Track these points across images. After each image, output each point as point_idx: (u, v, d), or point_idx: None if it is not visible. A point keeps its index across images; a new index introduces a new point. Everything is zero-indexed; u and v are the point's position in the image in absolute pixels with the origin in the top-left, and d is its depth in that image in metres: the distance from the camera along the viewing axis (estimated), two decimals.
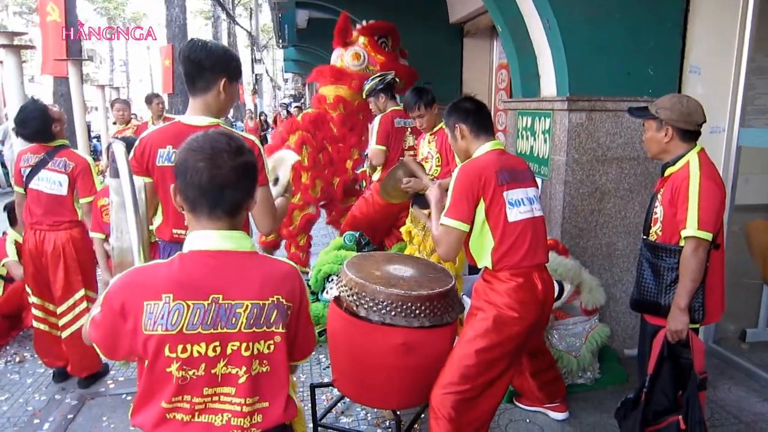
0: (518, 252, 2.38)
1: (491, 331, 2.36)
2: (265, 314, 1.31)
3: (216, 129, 1.35)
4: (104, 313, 1.27)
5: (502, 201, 2.36)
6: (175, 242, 2.23)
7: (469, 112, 2.55)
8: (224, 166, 1.28)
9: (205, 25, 32.94)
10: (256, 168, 1.36)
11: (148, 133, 2.25)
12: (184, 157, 1.30)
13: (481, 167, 2.38)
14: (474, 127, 2.52)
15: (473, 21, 7.17)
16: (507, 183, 2.37)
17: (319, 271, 4.11)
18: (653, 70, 3.51)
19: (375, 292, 2.58)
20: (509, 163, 2.45)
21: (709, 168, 2.38)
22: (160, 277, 1.26)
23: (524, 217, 2.39)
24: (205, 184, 1.27)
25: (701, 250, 2.28)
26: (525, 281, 2.38)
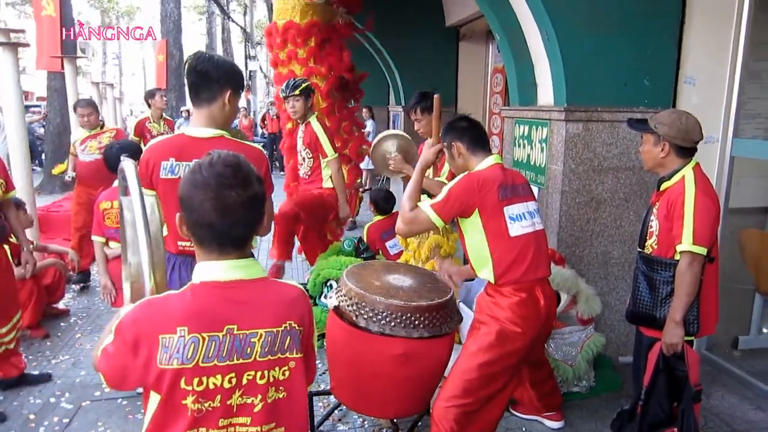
0: (521, 266, 2.40)
1: (494, 345, 2.39)
2: (279, 341, 1.31)
3: (222, 154, 1.30)
4: (116, 346, 1.26)
5: (502, 216, 2.37)
6: (180, 254, 2.25)
7: (464, 130, 2.58)
8: (232, 203, 1.25)
9: (198, 20, 32.75)
10: (264, 197, 1.34)
11: (151, 144, 2.26)
12: (189, 194, 1.27)
13: (485, 179, 2.40)
14: (470, 144, 2.54)
15: (469, 25, 7.22)
16: (508, 198, 2.40)
17: (317, 276, 4.13)
18: (649, 80, 3.55)
19: (375, 302, 2.61)
20: (511, 178, 2.48)
21: (704, 183, 2.42)
22: (174, 310, 1.25)
23: (526, 232, 2.41)
24: (213, 224, 1.26)
25: (696, 265, 2.33)
26: (528, 296, 2.41)
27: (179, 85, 19.33)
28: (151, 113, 6.84)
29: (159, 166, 2.17)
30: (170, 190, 2.16)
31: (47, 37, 7.42)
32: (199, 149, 2.18)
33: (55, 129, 11.18)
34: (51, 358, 4.00)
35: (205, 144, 2.18)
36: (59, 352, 4.09)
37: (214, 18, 26.94)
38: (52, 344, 4.23)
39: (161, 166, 2.17)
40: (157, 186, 2.18)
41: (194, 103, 2.22)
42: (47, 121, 11.50)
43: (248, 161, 1.33)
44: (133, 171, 1.51)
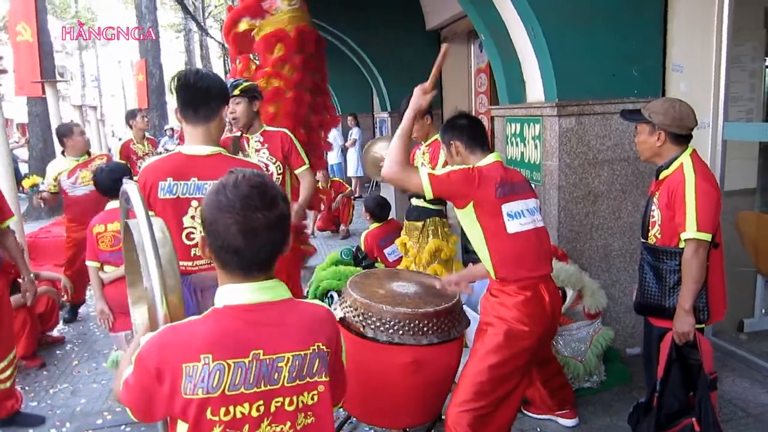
0: (523, 264, 2.37)
1: (503, 346, 2.36)
2: (308, 364, 1.26)
3: (246, 173, 1.25)
4: (138, 376, 1.21)
5: (499, 214, 2.34)
6: (182, 274, 2.21)
7: (463, 128, 2.53)
8: (258, 226, 1.20)
9: (176, 38, 32.62)
10: (289, 216, 1.29)
11: (148, 164, 2.22)
12: (213, 217, 1.21)
13: (485, 175, 2.35)
14: (469, 143, 2.51)
15: (450, 27, 7.24)
16: (505, 196, 2.35)
17: (317, 288, 4.09)
18: (637, 70, 3.56)
19: (381, 311, 2.57)
20: (510, 175, 2.44)
21: (703, 169, 2.42)
22: (197, 337, 1.20)
23: (525, 229, 2.38)
24: (239, 248, 1.21)
25: (702, 251, 2.32)
26: (533, 294, 2.38)
27: (160, 104, 19.24)
28: (133, 134, 6.67)
29: (157, 187, 2.13)
30: (169, 209, 2.13)
31: (25, 63, 7.33)
32: (198, 167, 2.16)
33: (37, 154, 11.06)
34: (49, 387, 3.92)
35: (203, 162, 2.16)
36: (57, 381, 4.01)
37: (192, 35, 26.89)
38: (48, 373, 4.15)
39: (159, 186, 2.13)
40: (155, 206, 2.15)
41: (190, 120, 2.17)
42: (30, 148, 11.37)
43: (272, 180, 1.30)
44: (138, 193, 1.47)
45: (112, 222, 3.38)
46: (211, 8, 32.00)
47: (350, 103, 11.22)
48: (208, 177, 2.15)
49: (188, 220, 2.18)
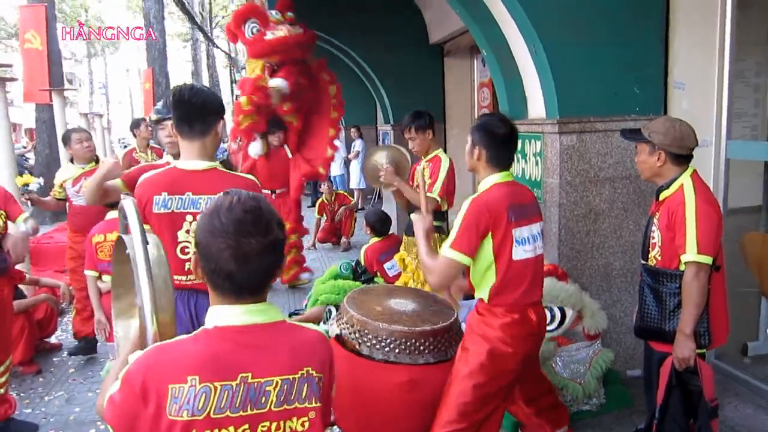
0: (517, 290, 2.33)
1: (486, 365, 2.31)
2: (296, 390, 1.23)
3: (242, 197, 1.23)
4: (123, 394, 1.19)
5: (510, 239, 2.29)
6: (176, 288, 2.19)
7: (498, 140, 2.38)
8: (251, 251, 1.19)
9: (183, 47, 32.83)
10: (285, 241, 1.28)
11: (144, 178, 2.22)
12: (207, 241, 1.21)
13: (493, 202, 2.29)
14: (494, 156, 2.38)
15: (453, 41, 7.25)
16: (517, 220, 2.30)
17: (315, 302, 4.06)
18: (639, 88, 3.55)
19: (378, 329, 2.55)
20: (519, 197, 2.38)
21: (704, 191, 2.39)
22: (185, 357, 1.18)
23: (528, 257, 2.34)
24: (231, 273, 1.20)
25: (702, 275, 2.29)
26: (520, 317, 2.34)
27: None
28: (137, 143, 6.66)
29: (152, 201, 2.13)
30: (164, 224, 2.13)
31: (34, 71, 7.39)
32: (193, 182, 2.16)
33: (43, 160, 11.12)
34: (44, 395, 3.91)
35: (198, 177, 2.16)
36: (52, 389, 4.00)
37: (199, 45, 27.04)
38: (44, 380, 4.15)
39: (154, 200, 2.13)
40: (150, 220, 2.14)
41: (185, 136, 2.17)
42: (36, 153, 11.44)
43: (268, 202, 1.27)
44: (134, 211, 1.45)
45: (112, 232, 3.38)
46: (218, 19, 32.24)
47: (354, 115, 11.23)
48: (203, 192, 2.15)
49: (183, 235, 2.17)
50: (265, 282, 1.27)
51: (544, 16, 3.30)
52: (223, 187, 2.12)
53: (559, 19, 3.33)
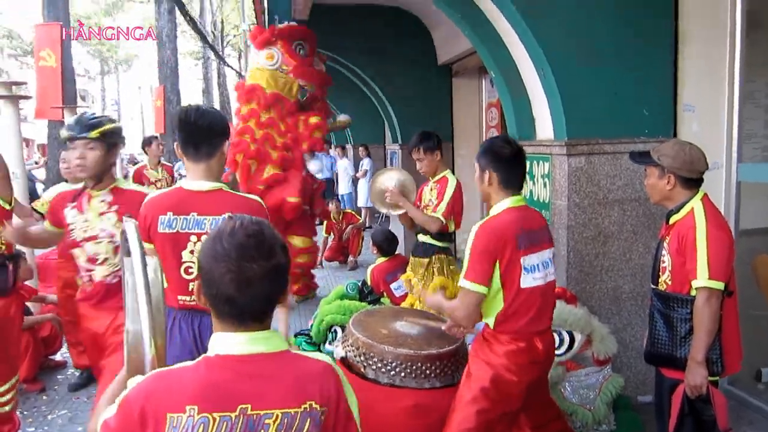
0: (523, 318, 2.28)
1: (489, 391, 2.27)
2: (297, 425, 1.19)
3: (245, 221, 1.22)
4: (120, 420, 1.16)
5: (518, 266, 2.24)
6: (180, 309, 2.19)
7: (505, 161, 2.34)
8: (254, 276, 1.17)
9: (195, 65, 33.26)
10: (288, 266, 1.25)
11: (150, 198, 2.22)
12: (209, 266, 1.19)
13: (501, 228, 2.24)
14: (505, 178, 2.33)
15: (461, 62, 7.28)
16: (526, 248, 2.25)
17: (321, 322, 4.02)
18: (648, 110, 3.53)
19: (383, 352, 2.52)
20: (529, 222, 2.32)
21: (715, 215, 2.36)
22: (185, 386, 1.16)
23: (537, 284, 2.29)
24: (233, 298, 1.18)
25: (714, 301, 2.24)
26: (526, 345, 2.29)
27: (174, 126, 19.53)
28: (148, 160, 6.86)
29: (157, 221, 2.13)
30: (169, 244, 2.13)
31: (47, 88, 7.48)
32: (198, 202, 2.16)
33: (54, 176, 11.22)
34: (47, 413, 3.89)
35: (203, 197, 2.16)
36: (56, 407, 3.98)
37: (210, 63, 27.40)
38: (48, 398, 4.13)
39: (159, 220, 2.13)
40: (155, 240, 2.14)
41: (191, 157, 2.17)
42: (47, 169, 11.56)
43: (271, 227, 1.25)
44: (135, 233, 1.44)
45: None
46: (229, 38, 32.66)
47: (362, 134, 11.30)
48: (208, 212, 2.15)
49: (187, 255, 2.16)
50: (268, 308, 1.25)
51: (553, 39, 3.30)
52: (229, 208, 2.14)
53: (568, 42, 3.33)
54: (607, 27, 3.38)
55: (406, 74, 7.43)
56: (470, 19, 3.84)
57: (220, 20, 30.92)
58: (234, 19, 32.21)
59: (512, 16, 3.35)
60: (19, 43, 32.14)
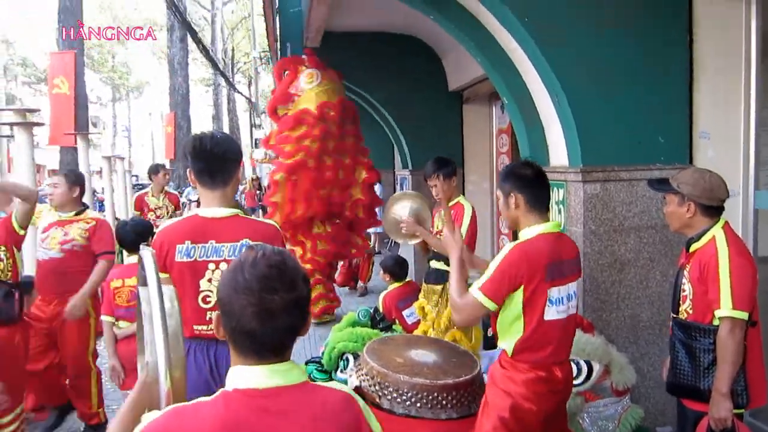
0: (544, 350, 2.23)
1: (508, 420, 2.21)
2: None
3: (267, 251, 1.20)
4: None
5: (543, 297, 2.19)
6: (195, 338, 2.16)
7: (530, 182, 2.30)
8: (276, 309, 1.15)
9: (206, 92, 33.73)
10: (309, 297, 1.24)
11: (165, 226, 2.21)
12: (229, 298, 1.17)
13: (533, 255, 2.18)
14: (532, 200, 2.28)
15: (472, 88, 7.32)
16: (553, 279, 2.19)
17: (332, 349, 3.97)
18: (663, 137, 3.51)
19: (398, 381, 2.48)
20: (561, 252, 2.26)
21: (737, 243, 2.33)
22: (202, 423, 1.12)
23: (560, 317, 2.24)
24: (253, 331, 1.16)
25: (738, 331, 2.20)
26: (546, 375, 2.25)
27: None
28: (152, 187, 6.99)
29: (174, 249, 2.11)
30: (186, 273, 2.10)
31: (61, 114, 7.60)
32: (216, 229, 2.15)
33: None
34: None
35: (220, 224, 2.15)
36: None
37: (220, 90, 27.78)
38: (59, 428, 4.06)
39: (176, 249, 2.11)
40: (171, 269, 2.11)
41: (206, 185, 2.17)
42: None
43: (293, 257, 1.24)
44: (152, 262, 1.42)
45: (130, 277, 3.36)
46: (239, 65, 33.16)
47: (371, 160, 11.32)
48: (226, 239, 2.13)
49: (205, 283, 2.14)
50: (289, 341, 1.22)
51: (567, 66, 3.31)
52: (246, 234, 2.13)
53: (582, 69, 3.33)
54: (621, 54, 3.38)
55: (417, 100, 7.48)
56: (483, 46, 3.86)
57: (231, 48, 31.47)
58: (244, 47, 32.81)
59: (526, 43, 3.36)
60: (33, 71, 32.80)
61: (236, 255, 2.00)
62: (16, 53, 33.01)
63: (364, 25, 7.00)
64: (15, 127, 5.10)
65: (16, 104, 26.59)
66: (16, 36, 33.40)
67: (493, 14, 3.45)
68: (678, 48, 3.45)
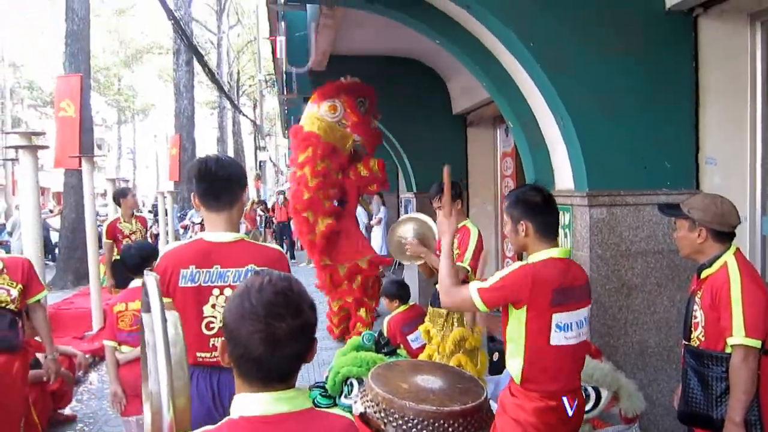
0: (553, 378, 2.20)
1: None
2: None
3: (273, 277, 1.20)
4: None
5: (548, 322, 2.16)
6: (198, 365, 2.12)
7: (539, 209, 2.27)
8: (283, 335, 1.14)
9: (210, 114, 34.01)
10: (315, 324, 1.23)
11: (169, 250, 2.19)
12: (236, 324, 1.16)
13: (541, 278, 2.15)
14: (542, 227, 2.25)
15: (476, 112, 7.37)
16: (560, 305, 2.16)
17: (337, 374, 3.93)
18: (669, 162, 3.51)
19: (404, 408, 2.42)
20: (570, 279, 2.22)
21: (749, 270, 2.30)
22: None
23: (569, 344, 2.20)
24: (260, 358, 1.15)
25: (752, 359, 2.16)
26: (556, 405, 2.20)
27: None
28: (121, 213, 6.65)
29: (178, 274, 2.08)
30: (190, 298, 2.08)
31: (66, 137, 7.62)
32: (221, 254, 2.12)
33: (69, 225, 11.32)
34: None
35: (226, 249, 2.12)
36: None
37: (225, 112, 27.99)
38: None
39: (180, 274, 2.08)
40: (175, 294, 2.08)
41: (211, 207, 2.15)
42: (62, 218, 11.67)
43: (299, 283, 1.23)
44: (156, 288, 1.40)
45: (134, 301, 3.34)
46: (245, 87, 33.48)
47: None
48: (231, 265, 2.11)
49: (208, 309, 2.11)
50: (295, 367, 1.21)
51: (572, 90, 3.32)
52: (251, 259, 2.11)
53: (587, 93, 3.34)
54: (627, 78, 3.39)
55: (421, 123, 7.52)
56: (488, 70, 3.89)
57: (236, 71, 31.81)
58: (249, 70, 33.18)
59: (532, 67, 3.38)
60: (39, 94, 33.14)
61: (241, 280, 1.99)
62: (22, 76, 33.41)
63: (369, 48, 7.07)
64: (20, 150, 5.12)
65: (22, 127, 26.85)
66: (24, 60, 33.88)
67: (498, 39, 3.48)
68: (683, 73, 3.47)
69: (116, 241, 6.40)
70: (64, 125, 7.69)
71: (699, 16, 3.45)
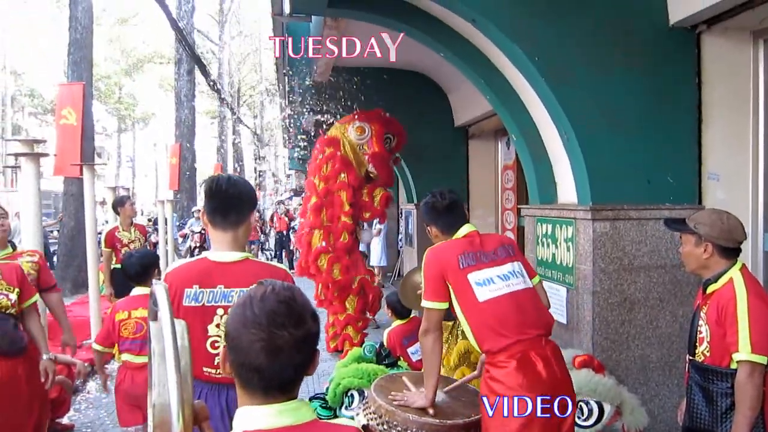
0: (502, 331, 2.29)
1: None
2: None
3: (276, 287, 1.19)
4: None
5: (467, 284, 2.35)
6: (205, 381, 2.11)
7: (438, 213, 2.60)
8: (284, 344, 1.13)
9: (211, 123, 34.07)
10: (318, 334, 1.22)
11: (174, 268, 2.17)
12: (237, 332, 1.15)
13: (442, 250, 2.46)
14: (444, 227, 2.58)
15: (478, 124, 7.41)
16: (470, 265, 2.38)
17: (338, 385, 3.89)
18: (672, 177, 3.52)
19: (407, 421, 2.42)
20: (476, 245, 2.46)
21: (755, 286, 2.30)
22: None
23: (498, 294, 2.33)
24: (261, 367, 1.14)
25: (757, 375, 2.15)
26: (519, 363, 2.25)
27: (190, 186, 19.82)
28: (120, 221, 6.60)
29: (182, 293, 2.05)
30: (194, 317, 2.04)
31: (67, 145, 7.62)
32: (225, 274, 2.10)
33: (69, 232, 11.28)
34: None
35: (230, 268, 2.10)
36: None
37: (226, 122, 28.05)
38: None
39: (185, 293, 2.06)
40: (179, 313, 2.05)
41: (219, 226, 2.13)
42: (62, 225, 11.64)
43: (302, 293, 1.22)
44: (165, 296, 1.40)
45: (137, 308, 3.32)
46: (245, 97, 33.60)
47: None
48: (235, 285, 2.08)
49: (213, 329, 2.09)
50: (297, 378, 1.20)
51: (576, 105, 3.35)
52: (257, 279, 2.08)
53: (591, 107, 3.37)
54: (630, 93, 3.42)
55: (423, 135, 7.55)
56: (492, 83, 3.91)
57: (237, 81, 31.94)
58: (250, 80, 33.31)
59: (536, 81, 3.40)
60: (40, 102, 33.20)
61: None
62: (24, 84, 33.49)
63: (371, 60, 7.11)
64: (22, 157, 5.12)
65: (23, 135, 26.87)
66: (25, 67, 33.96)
67: (503, 53, 3.51)
68: (687, 89, 3.50)
69: (115, 249, 6.38)
70: (65, 133, 7.67)
71: (702, 32, 3.48)
